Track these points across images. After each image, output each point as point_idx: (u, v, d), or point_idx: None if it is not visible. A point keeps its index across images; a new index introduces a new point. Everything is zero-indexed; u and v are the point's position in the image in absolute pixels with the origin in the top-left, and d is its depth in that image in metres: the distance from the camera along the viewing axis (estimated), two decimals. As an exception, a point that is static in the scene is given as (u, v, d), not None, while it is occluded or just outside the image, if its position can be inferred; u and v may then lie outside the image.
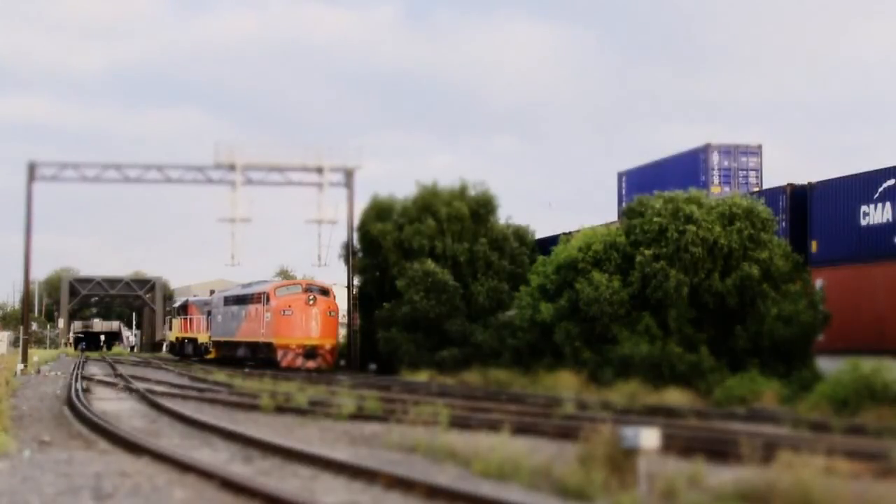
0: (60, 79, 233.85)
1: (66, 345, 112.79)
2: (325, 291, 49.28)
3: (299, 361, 46.38)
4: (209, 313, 63.23)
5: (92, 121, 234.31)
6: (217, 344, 59.88)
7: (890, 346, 27.56)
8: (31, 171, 52.93)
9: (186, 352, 70.27)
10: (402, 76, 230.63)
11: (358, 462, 13.57)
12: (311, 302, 47.51)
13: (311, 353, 46.71)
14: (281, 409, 23.50)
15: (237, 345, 54.86)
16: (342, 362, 49.79)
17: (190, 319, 70.28)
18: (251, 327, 51.82)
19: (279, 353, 46.83)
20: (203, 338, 65.08)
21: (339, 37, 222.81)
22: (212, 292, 70.49)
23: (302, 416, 22.27)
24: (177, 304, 76.60)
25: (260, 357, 49.92)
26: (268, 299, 49.30)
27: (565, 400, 23.35)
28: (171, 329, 79.60)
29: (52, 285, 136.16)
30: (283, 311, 47.53)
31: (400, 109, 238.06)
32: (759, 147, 51.01)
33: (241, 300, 54.94)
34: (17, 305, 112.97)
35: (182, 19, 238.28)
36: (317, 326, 47.21)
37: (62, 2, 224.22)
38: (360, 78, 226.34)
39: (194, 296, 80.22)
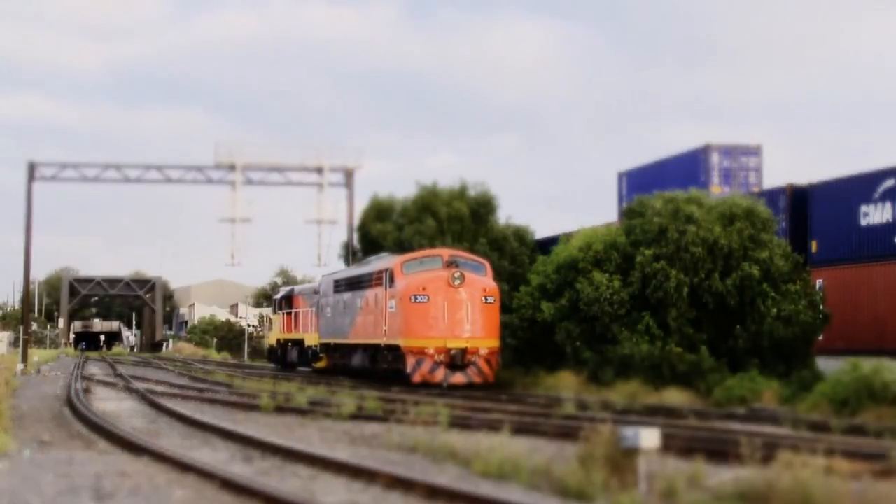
0: (61, 78, 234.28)
1: (66, 345, 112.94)
2: (478, 266, 34.35)
3: (440, 374, 32.02)
4: (319, 305, 45.29)
5: (92, 121, 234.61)
6: (326, 348, 43.53)
7: (890, 346, 27.56)
8: (31, 170, 53.15)
9: (290, 359, 51.61)
10: (403, 75, 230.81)
11: (358, 462, 13.56)
12: (458, 282, 32.50)
13: (458, 361, 32.05)
14: (281, 409, 23.51)
15: (352, 349, 39.18)
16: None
17: (294, 315, 51.25)
18: (369, 322, 36.41)
19: (409, 362, 32.31)
20: (311, 339, 46.86)
21: (339, 36, 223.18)
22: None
23: (302, 416, 22.27)
24: (279, 296, 57.06)
25: (382, 367, 35.10)
26: (392, 279, 34.14)
27: (565, 400, 23.36)
28: (270, 329, 60.28)
29: (52, 285, 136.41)
30: (415, 297, 32.65)
31: (400, 109, 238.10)
32: (759, 147, 51.02)
33: (355, 283, 38.82)
34: (17, 305, 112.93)
35: (182, 19, 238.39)
36: (467, 319, 32.46)
37: (62, 2, 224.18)
38: (361, 77, 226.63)
39: (301, 283, 63.42)
